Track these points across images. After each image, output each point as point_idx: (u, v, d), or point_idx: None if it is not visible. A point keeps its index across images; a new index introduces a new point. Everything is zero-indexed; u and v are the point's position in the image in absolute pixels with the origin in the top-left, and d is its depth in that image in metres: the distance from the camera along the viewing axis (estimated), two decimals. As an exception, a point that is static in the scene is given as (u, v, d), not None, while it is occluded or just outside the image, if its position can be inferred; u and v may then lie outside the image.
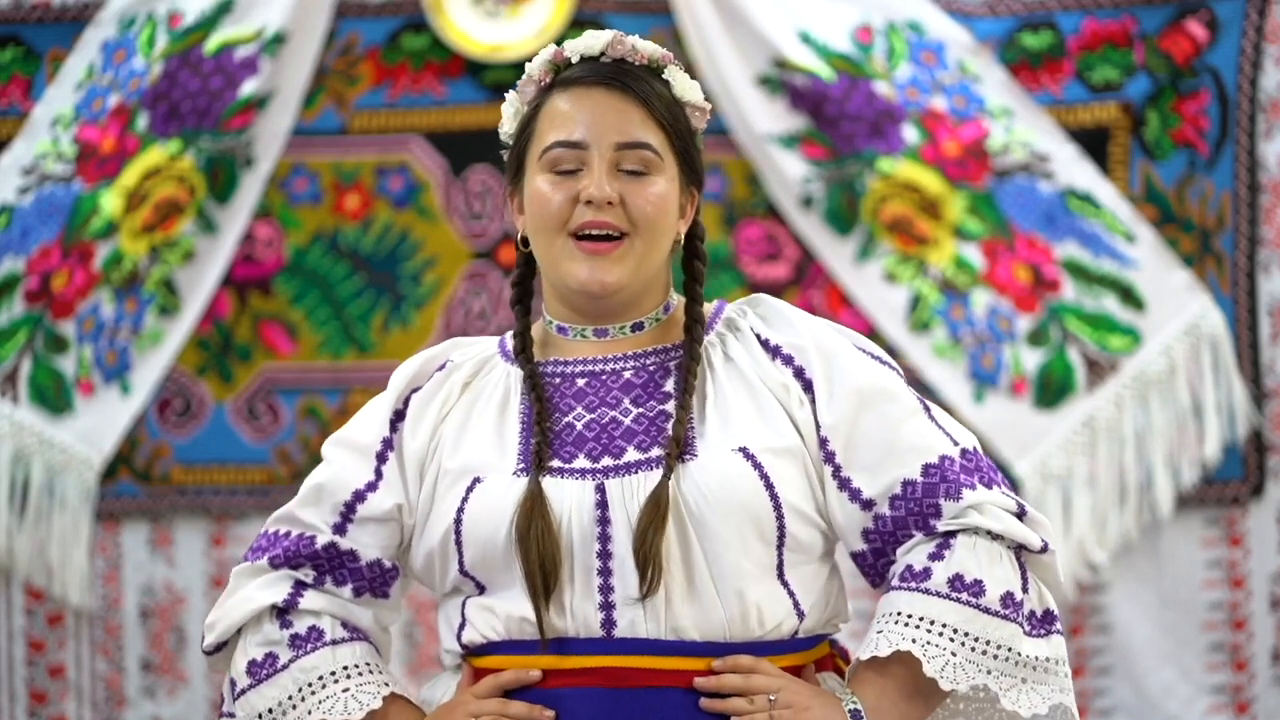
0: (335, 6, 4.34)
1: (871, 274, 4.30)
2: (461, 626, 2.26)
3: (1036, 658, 2.20)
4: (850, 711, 2.17)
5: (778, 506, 2.20)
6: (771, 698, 2.15)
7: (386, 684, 2.26)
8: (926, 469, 2.23)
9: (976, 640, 2.17)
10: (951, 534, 2.21)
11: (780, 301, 2.34)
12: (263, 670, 2.26)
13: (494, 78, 4.31)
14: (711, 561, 2.18)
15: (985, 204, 4.25)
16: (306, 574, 2.29)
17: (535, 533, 2.17)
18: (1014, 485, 4.23)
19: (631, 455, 2.22)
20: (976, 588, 2.18)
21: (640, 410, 2.26)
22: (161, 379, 4.38)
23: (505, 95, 2.31)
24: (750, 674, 2.18)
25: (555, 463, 2.23)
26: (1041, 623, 2.23)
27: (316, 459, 2.13)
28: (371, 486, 2.29)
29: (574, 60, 2.30)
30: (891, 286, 4.29)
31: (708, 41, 4.25)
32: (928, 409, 2.28)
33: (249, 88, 4.29)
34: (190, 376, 4.40)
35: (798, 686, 2.18)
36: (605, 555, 2.19)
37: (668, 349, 2.31)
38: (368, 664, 2.27)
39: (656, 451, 2.22)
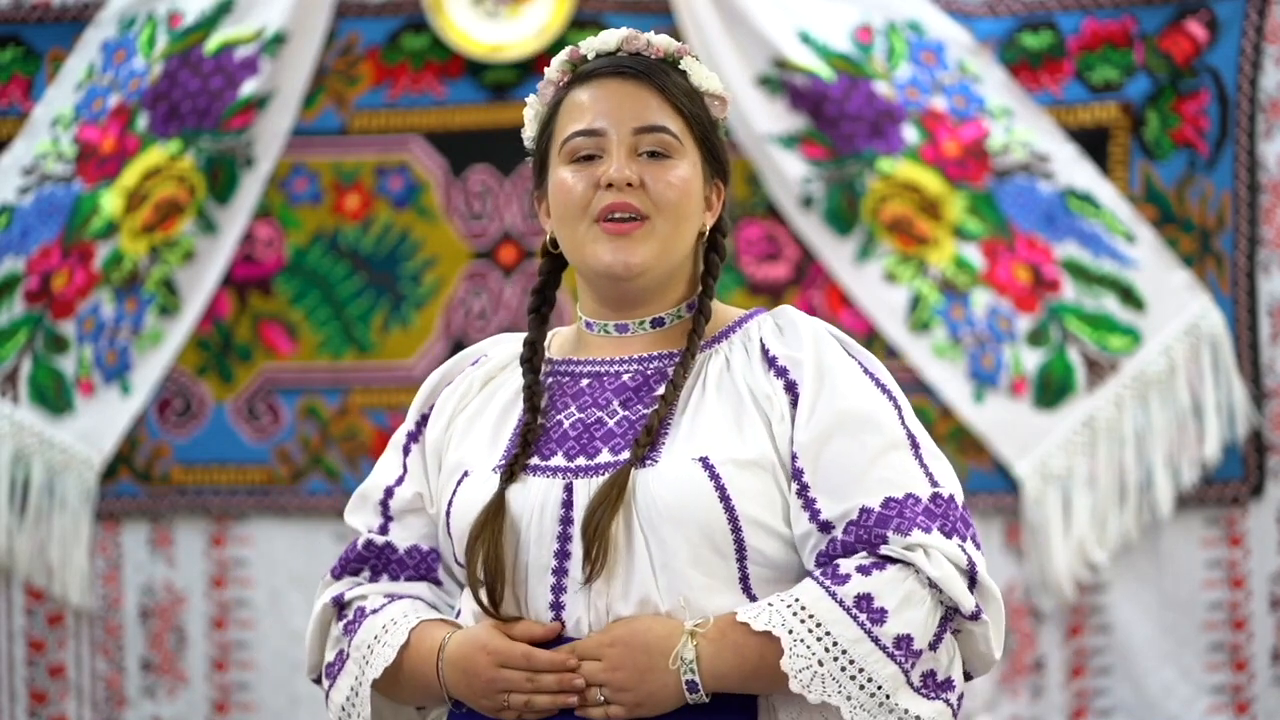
0: (335, 6, 4.34)
1: (871, 274, 4.29)
2: (458, 614, 2.32)
3: (908, 711, 2.14)
4: (686, 666, 2.15)
5: (734, 519, 2.18)
6: (601, 696, 2.16)
7: (418, 619, 2.28)
8: (887, 501, 2.17)
9: (851, 663, 2.12)
10: (890, 559, 2.17)
11: (801, 314, 2.30)
12: (335, 668, 2.32)
13: (494, 78, 4.31)
14: (658, 569, 2.17)
15: (985, 204, 4.25)
16: (364, 575, 2.37)
17: (485, 538, 2.21)
18: (1013, 487, 4.26)
19: (604, 457, 2.23)
20: (878, 615, 2.13)
21: (626, 413, 2.27)
22: (161, 379, 4.38)
23: (505, 95, 2.33)
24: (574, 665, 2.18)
25: (535, 460, 2.26)
26: (937, 686, 2.16)
27: (317, 459, 2.14)
28: (399, 480, 2.36)
29: (590, 57, 2.33)
30: (891, 286, 4.28)
31: (708, 41, 4.25)
32: (917, 446, 2.22)
33: (249, 88, 4.29)
34: (190, 376, 4.39)
35: (622, 668, 2.16)
36: (563, 555, 2.21)
37: (674, 355, 2.30)
38: (404, 614, 2.29)
39: (628, 454, 2.22)
